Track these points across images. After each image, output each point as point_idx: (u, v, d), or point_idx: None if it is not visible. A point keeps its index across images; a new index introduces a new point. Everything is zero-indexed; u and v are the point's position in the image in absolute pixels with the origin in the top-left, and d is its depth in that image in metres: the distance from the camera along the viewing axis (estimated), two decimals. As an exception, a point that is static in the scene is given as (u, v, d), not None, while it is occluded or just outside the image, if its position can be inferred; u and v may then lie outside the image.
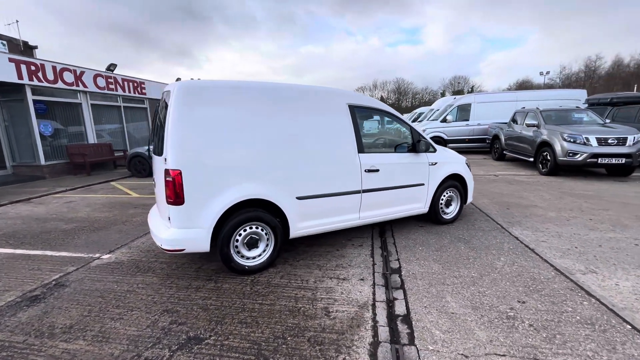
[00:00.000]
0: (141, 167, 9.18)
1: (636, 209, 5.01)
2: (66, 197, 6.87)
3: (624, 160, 7.46)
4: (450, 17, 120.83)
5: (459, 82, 68.66)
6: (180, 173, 2.72)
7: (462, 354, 2.00)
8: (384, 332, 2.24)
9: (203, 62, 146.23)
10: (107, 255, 3.69)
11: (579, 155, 7.64)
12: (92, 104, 10.60)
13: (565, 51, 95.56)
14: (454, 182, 4.46)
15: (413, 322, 2.34)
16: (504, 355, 1.98)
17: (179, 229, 2.83)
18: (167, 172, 2.74)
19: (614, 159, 7.48)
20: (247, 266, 3.10)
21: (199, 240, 2.87)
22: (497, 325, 2.28)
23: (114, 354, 2.08)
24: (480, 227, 4.36)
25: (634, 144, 7.49)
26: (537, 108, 9.68)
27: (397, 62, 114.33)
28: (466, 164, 4.63)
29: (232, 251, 3.03)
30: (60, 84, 9.45)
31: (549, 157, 8.34)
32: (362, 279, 3.00)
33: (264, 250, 3.19)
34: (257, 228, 3.11)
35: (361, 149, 3.58)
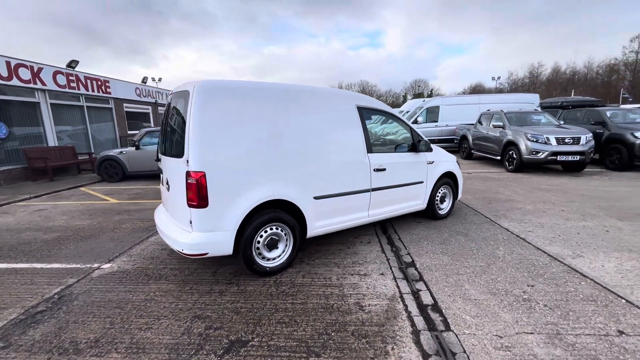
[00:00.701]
0: (113, 171, 8.61)
1: (597, 201, 5.67)
2: (34, 206, 6.27)
3: (578, 158, 8.37)
4: (408, 23, 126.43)
5: (419, 85, 71.98)
6: (205, 175, 2.66)
7: (496, 335, 2.19)
8: (420, 322, 2.37)
9: (159, 60, 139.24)
10: (108, 265, 3.47)
11: (541, 153, 8.45)
12: (52, 104, 9.73)
13: (512, 58, 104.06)
14: (447, 179, 4.75)
15: (443, 310, 2.50)
16: (532, 333, 2.20)
17: (202, 233, 2.76)
18: (189, 174, 2.67)
19: (570, 157, 8.36)
20: (268, 267, 3.09)
21: (223, 244, 2.82)
22: (517, 307, 2.51)
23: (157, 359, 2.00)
24: (472, 221, 4.69)
25: (586, 143, 8.42)
26: (502, 111, 10.51)
27: (359, 65, 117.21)
28: (457, 162, 4.95)
29: (254, 253, 3.00)
30: (15, 81, 8.57)
31: (514, 156, 9.11)
32: (382, 274, 3.13)
33: (283, 251, 3.20)
34: (277, 229, 3.12)
35: (370, 149, 3.71)
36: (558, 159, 8.38)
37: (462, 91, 71.13)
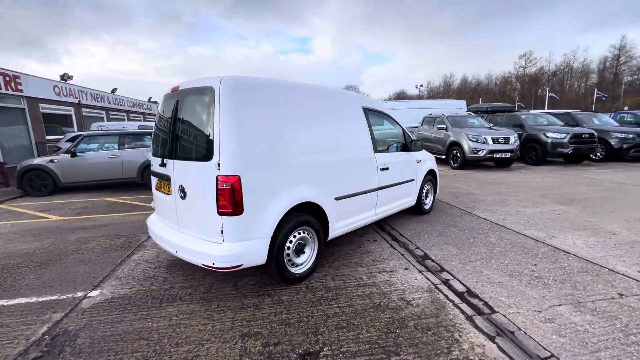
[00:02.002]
0: (41, 184, 7.20)
1: (536, 190, 6.69)
2: (-60, 231, 4.89)
3: (509, 155, 9.75)
4: (335, 31, 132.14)
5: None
6: (239, 179, 2.43)
7: (535, 311, 2.44)
8: (466, 308, 2.52)
9: (61, 54, 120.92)
10: (96, 292, 2.91)
11: (481, 152, 9.63)
12: (-58, 102, 7.74)
13: (428, 68, 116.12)
14: (430, 176, 5.12)
15: (479, 295, 2.70)
16: (560, 305, 2.51)
17: (236, 243, 2.51)
18: (220, 179, 2.41)
19: (503, 154, 9.69)
20: (297, 274, 2.95)
21: (257, 253, 2.60)
22: (535, 284, 2.84)
23: (234, 392, 1.77)
24: (453, 214, 5.13)
25: (514, 142, 9.86)
26: (443, 114, 11.68)
27: (290, 69, 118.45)
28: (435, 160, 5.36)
29: (285, 260, 2.84)
30: None
31: (458, 154, 10.21)
32: (406, 269, 3.23)
33: (309, 256, 3.09)
34: (304, 233, 2.99)
35: (376, 149, 3.81)
36: (494, 156, 9.66)
37: (387, 98, 76.83)
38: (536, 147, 10.72)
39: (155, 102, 29.90)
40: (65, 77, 12.46)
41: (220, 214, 2.47)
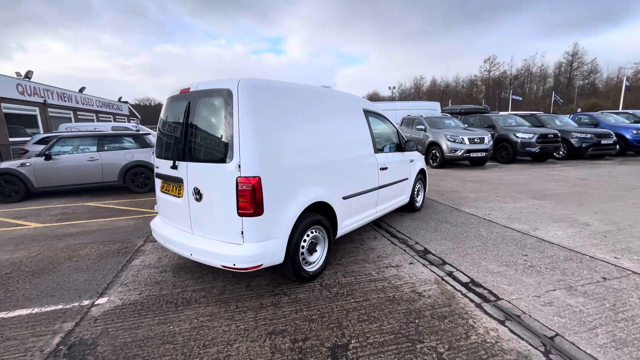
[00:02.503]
0: (11, 189, 6.71)
1: (512, 187, 7.16)
2: None
3: (484, 154, 10.33)
4: (308, 32, 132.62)
5: (326, 92, 75.87)
6: (260, 180, 2.47)
7: (534, 296, 2.68)
8: (473, 297, 2.71)
9: (13, 50, 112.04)
10: (103, 300, 2.82)
11: (459, 151, 10.13)
12: None
13: (399, 70, 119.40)
14: (420, 175, 5.36)
15: (483, 285, 2.90)
16: (555, 290, 2.77)
17: (256, 243, 2.55)
18: (241, 180, 2.43)
19: (478, 153, 10.26)
20: (311, 272, 3.02)
21: (276, 252, 2.65)
22: (530, 273, 3.09)
23: (275, 387, 1.82)
24: (442, 210, 5.41)
25: (488, 142, 10.47)
26: (422, 116, 12.15)
27: (263, 69, 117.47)
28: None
29: (300, 258, 2.90)
30: None
31: (437, 154, 10.68)
32: (411, 263, 3.39)
33: (320, 254, 3.17)
34: (316, 232, 3.07)
35: (376, 149, 3.96)
36: (471, 155, 10.20)
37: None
38: (507, 146, 11.44)
39: (126, 102, 28.54)
40: (28, 75, 11.55)
41: (240, 215, 2.49)
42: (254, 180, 2.45)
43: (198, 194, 2.70)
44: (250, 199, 2.45)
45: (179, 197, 2.93)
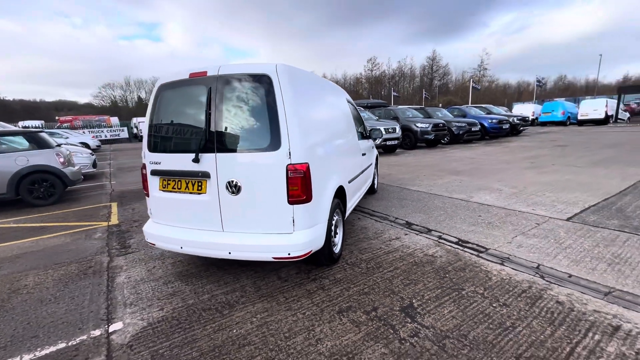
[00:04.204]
0: None
1: (430, 168, 8.57)
2: None
3: (396, 142, 11.89)
4: (189, 19, 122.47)
5: (219, 86, 71.93)
6: (308, 166, 2.49)
7: (507, 243, 3.49)
8: (470, 251, 3.35)
9: None
10: (118, 325, 2.34)
11: (377, 140, 11.37)
12: None
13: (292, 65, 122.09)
14: (375, 161, 5.96)
15: (469, 241, 3.59)
16: (515, 236, 3.65)
17: (306, 230, 2.55)
18: (291, 167, 2.41)
19: (392, 142, 11.74)
20: (336, 253, 3.16)
21: (320, 237, 2.70)
22: (492, 228, 3.96)
23: (376, 352, 1.97)
24: (394, 190, 6.15)
25: (399, 131, 12.07)
26: (340, 109, 13.05)
27: (138, 59, 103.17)
28: (374, 147, 6.24)
29: (331, 241, 3.00)
30: None
31: (359, 144, 11.75)
32: (406, 234, 3.88)
33: (340, 236, 3.33)
34: (336, 215, 3.21)
35: (359, 137, 4.29)
36: (387, 144, 11.60)
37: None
38: (410, 135, 13.40)
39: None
40: None
41: (291, 203, 2.46)
42: (304, 166, 2.45)
43: (234, 187, 2.50)
44: (302, 186, 2.45)
45: (199, 193, 2.63)
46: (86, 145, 16.23)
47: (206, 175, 2.56)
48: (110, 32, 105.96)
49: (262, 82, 2.46)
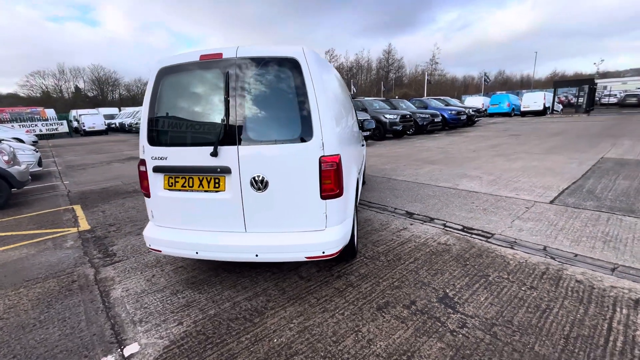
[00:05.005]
0: None
1: (407, 158, 8.79)
2: None
3: (368, 133, 12.01)
4: (130, 2, 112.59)
5: (169, 75, 67.43)
6: (340, 158, 2.34)
7: (508, 227, 3.65)
8: (479, 237, 3.45)
9: None
10: (134, 347, 2.02)
11: (369, 130, 11.41)
12: None
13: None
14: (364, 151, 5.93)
15: (473, 227, 3.70)
16: (513, 221, 3.83)
17: (338, 225, 2.41)
18: (325, 159, 2.24)
19: (365, 133, 11.84)
20: (356, 247, 3.06)
21: (348, 232, 2.57)
22: (488, 213, 4.12)
23: (433, 347, 1.93)
24: (380, 181, 6.18)
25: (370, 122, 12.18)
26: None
27: (72, 44, 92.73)
28: (361, 138, 6.20)
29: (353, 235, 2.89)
30: None
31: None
32: (411, 224, 3.89)
33: (355, 230, 3.22)
34: (353, 208, 3.10)
35: (358, 125, 4.19)
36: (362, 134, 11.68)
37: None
38: (379, 126, 13.64)
39: None
40: None
41: (323, 198, 2.29)
42: (336, 158, 2.29)
43: (261, 183, 2.26)
44: (335, 179, 2.29)
45: (216, 191, 2.35)
46: (20, 140, 14.21)
47: (226, 170, 2.29)
48: (35, 12, 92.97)
49: (289, 66, 2.23)
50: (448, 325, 2.10)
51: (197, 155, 2.32)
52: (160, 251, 2.52)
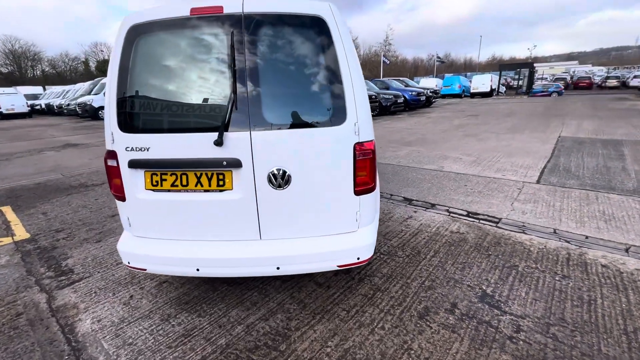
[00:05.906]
0: None
1: (381, 139, 8.62)
2: None
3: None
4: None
5: (102, 50, 60.25)
6: (375, 145, 1.94)
7: (511, 211, 3.59)
8: (488, 223, 3.32)
9: None
10: (126, 406, 1.50)
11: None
12: None
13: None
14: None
15: (478, 212, 3.57)
16: (512, 203, 3.79)
17: (370, 225, 2.05)
18: (359, 147, 1.83)
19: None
20: (371, 245, 2.73)
21: (376, 232, 2.21)
22: (485, 196, 4.05)
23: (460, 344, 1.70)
24: (364, 165, 5.90)
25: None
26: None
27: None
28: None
29: (373, 233, 2.55)
30: None
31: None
32: (415, 212, 3.66)
33: (366, 224, 2.89)
34: (367, 200, 2.75)
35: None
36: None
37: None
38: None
39: None
40: None
41: (357, 193, 1.90)
42: (371, 144, 1.89)
43: (281, 178, 1.79)
44: (370, 171, 1.90)
45: (220, 190, 1.82)
46: None
47: (234, 164, 1.77)
48: None
49: (314, 27, 1.74)
50: (503, 330, 1.88)
51: (193, 144, 1.76)
52: (145, 270, 1.95)
